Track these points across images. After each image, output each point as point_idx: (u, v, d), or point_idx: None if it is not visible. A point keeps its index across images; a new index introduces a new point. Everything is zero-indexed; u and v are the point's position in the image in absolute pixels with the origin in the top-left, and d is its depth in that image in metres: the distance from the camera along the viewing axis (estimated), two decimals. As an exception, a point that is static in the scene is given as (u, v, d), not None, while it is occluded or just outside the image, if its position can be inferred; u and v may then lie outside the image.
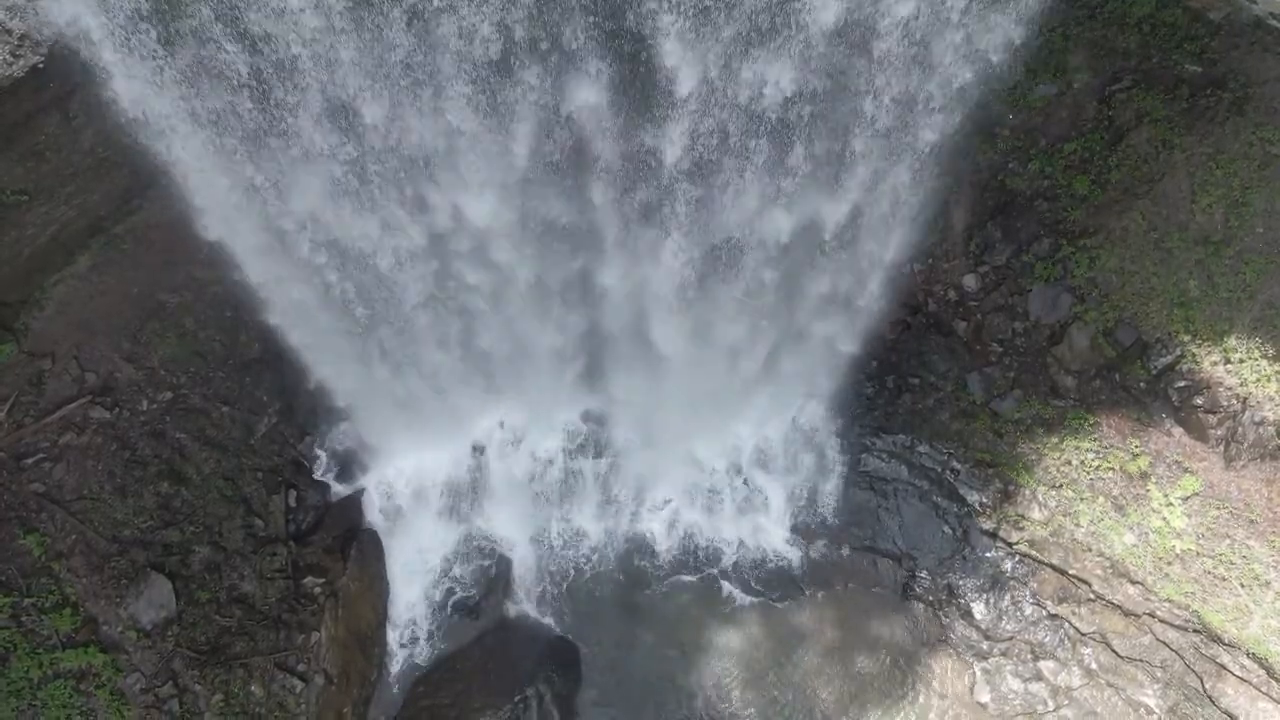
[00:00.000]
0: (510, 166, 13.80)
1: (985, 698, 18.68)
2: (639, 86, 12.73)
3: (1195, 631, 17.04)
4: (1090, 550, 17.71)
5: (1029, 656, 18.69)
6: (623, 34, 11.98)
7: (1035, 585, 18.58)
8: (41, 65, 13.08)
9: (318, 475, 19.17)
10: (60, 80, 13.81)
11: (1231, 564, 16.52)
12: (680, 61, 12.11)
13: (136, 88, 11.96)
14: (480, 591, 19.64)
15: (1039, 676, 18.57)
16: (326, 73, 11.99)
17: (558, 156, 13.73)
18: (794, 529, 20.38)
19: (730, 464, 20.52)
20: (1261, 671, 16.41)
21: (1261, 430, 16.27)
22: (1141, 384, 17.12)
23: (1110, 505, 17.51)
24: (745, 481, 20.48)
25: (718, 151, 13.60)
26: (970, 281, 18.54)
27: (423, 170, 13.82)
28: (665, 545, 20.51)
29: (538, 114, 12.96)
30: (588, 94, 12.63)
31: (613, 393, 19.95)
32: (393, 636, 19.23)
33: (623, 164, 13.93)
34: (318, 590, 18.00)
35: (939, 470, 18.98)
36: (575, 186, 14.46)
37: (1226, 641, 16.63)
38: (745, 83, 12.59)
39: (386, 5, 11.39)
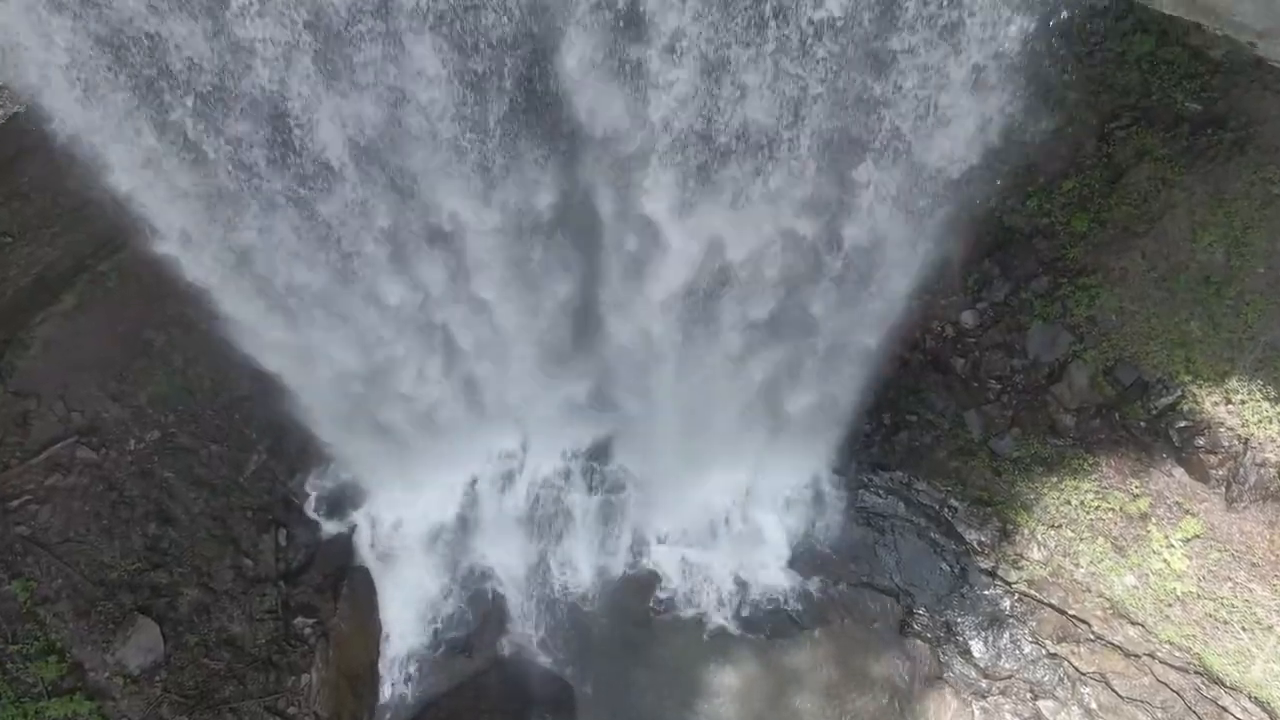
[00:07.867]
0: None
1: (984, 736, 18.48)
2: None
3: (1196, 673, 16.79)
4: (1090, 591, 17.48)
5: (1028, 695, 18.44)
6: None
7: (1035, 624, 18.33)
8: (21, 112, 12.96)
9: (309, 513, 18.93)
10: (42, 125, 13.71)
11: (1233, 607, 16.30)
12: None
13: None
14: (474, 628, 19.35)
15: (1038, 716, 18.30)
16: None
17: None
18: (791, 564, 20.09)
19: (727, 499, 20.21)
20: (1265, 715, 16.16)
21: (1263, 472, 16.03)
22: (1142, 424, 16.86)
23: (1110, 546, 17.28)
24: (742, 517, 20.20)
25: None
26: (969, 318, 18.30)
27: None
28: (661, 581, 20.18)
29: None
30: None
31: (610, 425, 19.70)
32: (385, 675, 18.95)
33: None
34: (308, 631, 17.78)
35: (936, 508, 18.74)
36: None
37: (1228, 685, 16.38)
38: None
39: None
